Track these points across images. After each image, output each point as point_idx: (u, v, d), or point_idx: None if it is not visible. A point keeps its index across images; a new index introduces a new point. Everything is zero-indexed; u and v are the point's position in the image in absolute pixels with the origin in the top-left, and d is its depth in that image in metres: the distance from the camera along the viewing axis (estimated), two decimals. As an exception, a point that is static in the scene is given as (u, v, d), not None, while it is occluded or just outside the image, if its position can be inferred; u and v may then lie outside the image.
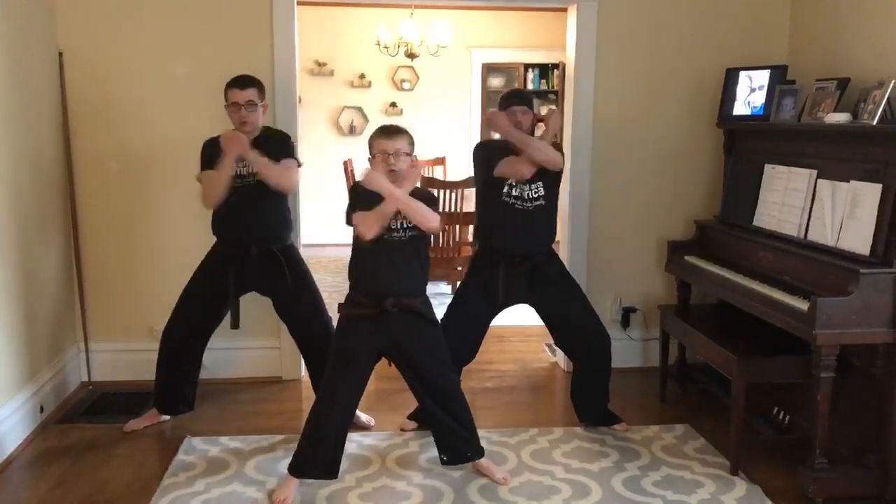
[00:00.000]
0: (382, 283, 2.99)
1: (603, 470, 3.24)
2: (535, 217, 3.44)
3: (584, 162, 4.28)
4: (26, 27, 3.60)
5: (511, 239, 3.45)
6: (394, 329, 3.02)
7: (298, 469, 3.02)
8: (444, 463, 3.17)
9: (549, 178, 3.48)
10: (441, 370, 3.12)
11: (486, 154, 3.55)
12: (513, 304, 3.60)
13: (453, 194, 5.65)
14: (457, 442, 3.14)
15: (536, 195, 3.44)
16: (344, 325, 3.08)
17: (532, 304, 3.59)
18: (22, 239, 3.51)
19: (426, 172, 7.78)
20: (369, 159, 3.02)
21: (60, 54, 3.91)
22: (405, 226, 2.98)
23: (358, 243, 3.03)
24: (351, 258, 3.09)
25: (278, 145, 3.51)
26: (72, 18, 3.91)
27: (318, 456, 3.02)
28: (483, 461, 3.19)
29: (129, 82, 3.98)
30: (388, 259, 2.98)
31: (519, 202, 3.42)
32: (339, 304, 3.09)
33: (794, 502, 2.98)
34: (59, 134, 3.93)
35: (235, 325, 3.56)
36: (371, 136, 3.03)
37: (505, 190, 3.43)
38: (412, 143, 3.02)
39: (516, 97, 3.52)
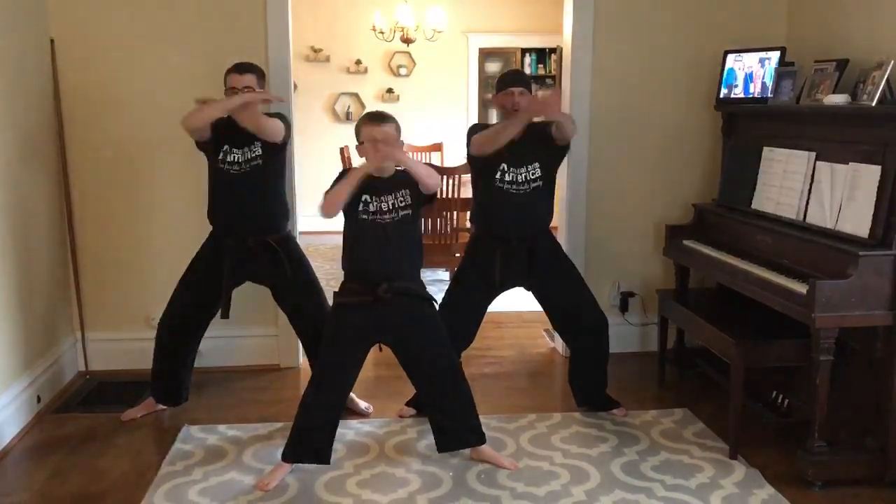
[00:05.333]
0: (374, 269, 2.98)
1: (602, 455, 3.23)
2: (530, 199, 3.42)
3: (581, 146, 4.24)
4: (17, 14, 3.56)
5: (506, 223, 3.43)
6: (388, 315, 3.01)
7: (291, 454, 3.03)
8: (440, 450, 3.15)
9: (549, 157, 3.45)
10: (439, 349, 3.10)
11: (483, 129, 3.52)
12: (510, 288, 3.59)
13: (450, 180, 5.61)
14: (455, 426, 3.12)
15: (534, 176, 3.41)
16: (336, 313, 3.07)
17: (529, 288, 3.57)
18: (17, 229, 3.49)
19: (423, 159, 7.75)
20: (357, 146, 3.01)
21: (52, 41, 3.87)
22: (396, 206, 2.97)
23: (348, 231, 3.03)
24: (343, 247, 3.08)
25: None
26: (63, 5, 3.87)
27: (309, 442, 3.02)
28: (485, 448, 3.17)
29: (122, 69, 3.95)
30: (379, 244, 2.97)
31: (514, 186, 3.39)
32: (335, 293, 3.08)
33: (793, 486, 2.97)
34: (52, 122, 3.90)
35: (225, 314, 3.53)
36: (358, 123, 3.02)
37: (497, 176, 3.39)
38: (399, 130, 3.02)
39: (513, 78, 3.47)
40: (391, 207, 2.98)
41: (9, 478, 3.09)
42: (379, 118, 2.99)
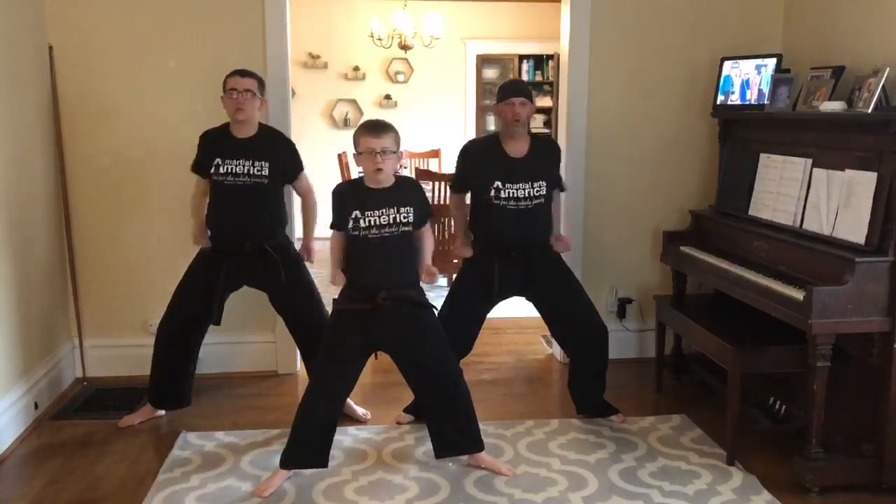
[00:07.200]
0: (374, 277, 2.98)
1: (599, 461, 3.23)
2: (530, 214, 3.42)
3: (578, 153, 4.26)
4: (14, 21, 3.57)
5: (505, 237, 3.43)
6: (387, 322, 3.00)
7: (289, 460, 3.03)
8: (438, 456, 3.15)
9: (552, 177, 3.49)
10: (439, 356, 3.09)
11: (464, 164, 3.55)
12: (509, 296, 3.59)
13: (448, 186, 5.62)
14: (454, 432, 3.11)
15: (538, 193, 3.42)
16: (336, 319, 3.07)
17: (528, 296, 3.58)
18: (14, 235, 3.49)
19: (421, 165, 7.76)
20: (355, 155, 3.00)
21: (50, 48, 3.88)
22: (397, 221, 2.97)
23: (348, 241, 3.03)
24: (342, 254, 3.08)
25: (286, 154, 3.51)
26: (61, 12, 3.88)
27: (307, 446, 3.02)
28: (483, 455, 3.16)
29: (120, 76, 3.96)
30: (379, 254, 2.97)
31: (512, 202, 3.39)
32: (334, 300, 3.08)
33: (790, 492, 2.98)
34: (50, 129, 3.90)
35: (217, 321, 3.53)
36: (356, 132, 2.98)
37: (492, 194, 3.39)
38: (398, 140, 2.99)
39: (514, 88, 3.47)
40: (391, 222, 2.96)
41: (6, 484, 3.08)
42: (377, 129, 2.94)
